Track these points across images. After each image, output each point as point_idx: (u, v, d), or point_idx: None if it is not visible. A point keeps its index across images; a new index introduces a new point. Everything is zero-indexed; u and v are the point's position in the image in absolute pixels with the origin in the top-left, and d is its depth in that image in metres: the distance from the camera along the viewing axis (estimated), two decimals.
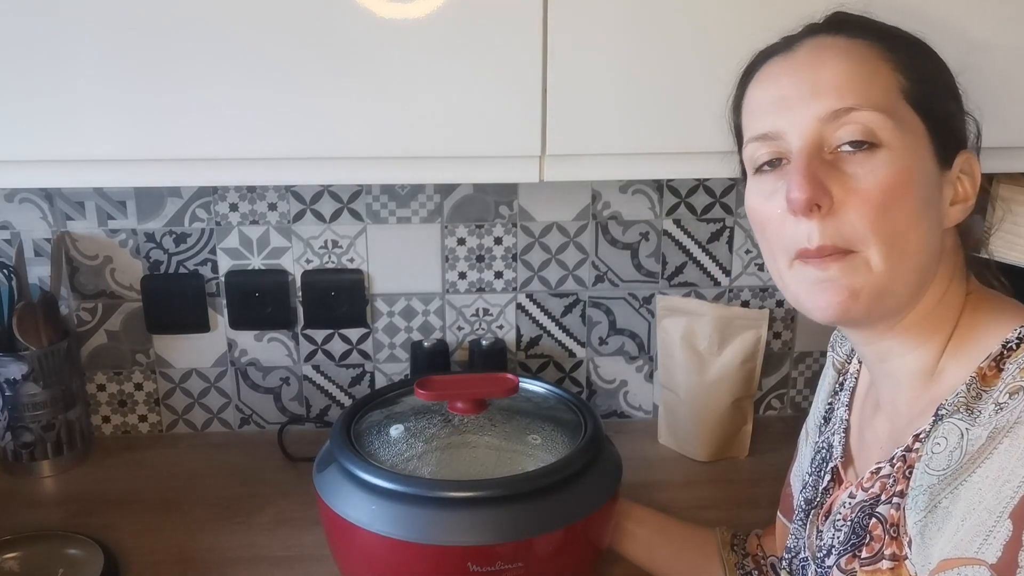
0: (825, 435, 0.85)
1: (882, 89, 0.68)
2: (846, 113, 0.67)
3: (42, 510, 1.18)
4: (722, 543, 1.01)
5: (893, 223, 0.66)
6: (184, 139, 0.90)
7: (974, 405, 0.63)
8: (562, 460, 0.96)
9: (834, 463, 0.80)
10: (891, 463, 0.70)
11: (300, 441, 1.33)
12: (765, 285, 1.37)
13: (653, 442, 1.36)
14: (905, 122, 0.67)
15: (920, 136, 0.68)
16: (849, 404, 0.83)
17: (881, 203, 0.66)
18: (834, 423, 0.84)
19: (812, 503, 0.82)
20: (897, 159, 0.66)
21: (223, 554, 1.09)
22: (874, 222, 0.66)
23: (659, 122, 0.92)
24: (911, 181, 0.67)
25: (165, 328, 1.33)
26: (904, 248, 0.67)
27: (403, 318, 1.35)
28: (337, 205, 1.29)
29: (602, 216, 1.32)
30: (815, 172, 0.67)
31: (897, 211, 0.66)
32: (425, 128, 0.90)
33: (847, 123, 0.67)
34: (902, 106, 0.68)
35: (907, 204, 0.67)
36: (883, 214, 0.66)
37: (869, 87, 0.68)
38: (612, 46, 0.89)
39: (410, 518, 0.89)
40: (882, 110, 0.67)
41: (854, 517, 0.72)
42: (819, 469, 0.83)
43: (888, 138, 0.67)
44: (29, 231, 1.28)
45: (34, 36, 0.86)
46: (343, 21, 0.86)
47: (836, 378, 0.88)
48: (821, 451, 0.84)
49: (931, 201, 0.68)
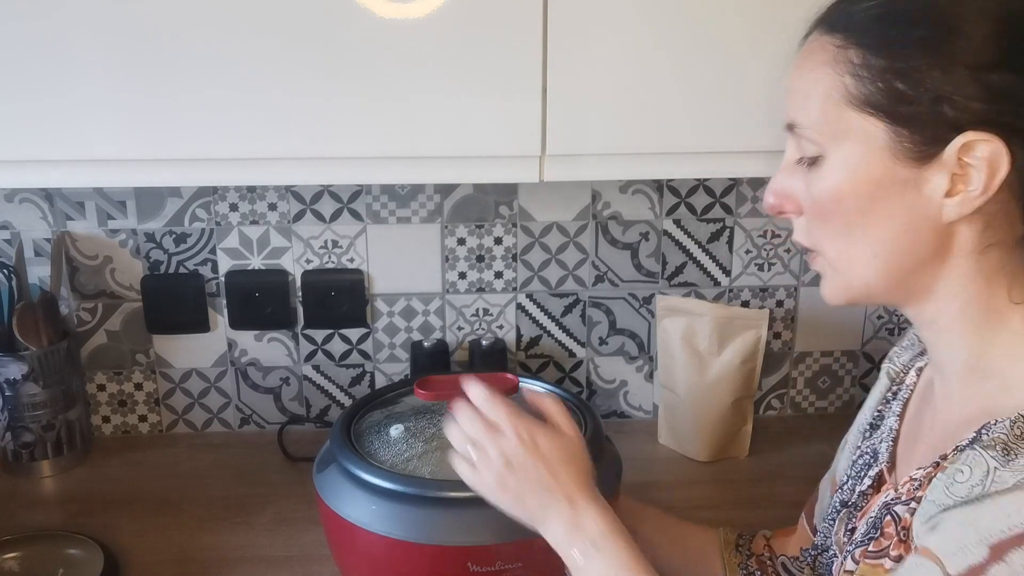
0: (871, 441, 0.83)
1: (820, 99, 0.67)
2: (791, 129, 0.70)
3: (42, 510, 1.18)
4: (724, 544, 1.00)
5: (835, 232, 0.68)
6: (184, 139, 0.90)
7: (1013, 446, 0.61)
8: None
9: (879, 468, 0.78)
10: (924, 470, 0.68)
11: (300, 441, 1.33)
12: (765, 285, 1.37)
13: (653, 442, 1.36)
14: (847, 129, 0.66)
15: (873, 137, 0.65)
16: (901, 414, 0.80)
17: (820, 213, 0.69)
18: (882, 431, 0.82)
19: (847, 504, 0.80)
20: (835, 170, 0.67)
21: (223, 554, 1.09)
22: (820, 230, 0.70)
23: (659, 122, 0.92)
24: (852, 190, 0.66)
25: (165, 328, 1.33)
26: (855, 255, 0.68)
27: (403, 318, 1.35)
28: (337, 205, 1.29)
29: (602, 216, 1.32)
30: (783, 181, 0.71)
31: (836, 220, 0.68)
32: (425, 128, 0.90)
33: (797, 138, 0.70)
34: (844, 113, 0.66)
35: (847, 213, 0.67)
36: (824, 223, 0.69)
37: (807, 99, 0.68)
38: (612, 46, 0.89)
39: (410, 518, 0.89)
40: (815, 124, 0.67)
41: (876, 512, 0.72)
42: (860, 473, 0.81)
43: (826, 150, 0.67)
44: (29, 231, 1.28)
45: (34, 37, 0.86)
46: (343, 22, 0.86)
47: (889, 387, 0.86)
48: (864, 456, 0.82)
49: (893, 202, 0.65)
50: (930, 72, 0.62)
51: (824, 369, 1.43)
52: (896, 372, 0.86)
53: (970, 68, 0.62)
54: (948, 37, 0.62)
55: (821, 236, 0.70)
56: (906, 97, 0.63)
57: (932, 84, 0.62)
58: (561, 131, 0.91)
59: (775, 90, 0.91)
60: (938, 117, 0.63)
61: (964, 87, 0.62)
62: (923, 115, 0.63)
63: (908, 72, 0.63)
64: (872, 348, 1.41)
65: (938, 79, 0.62)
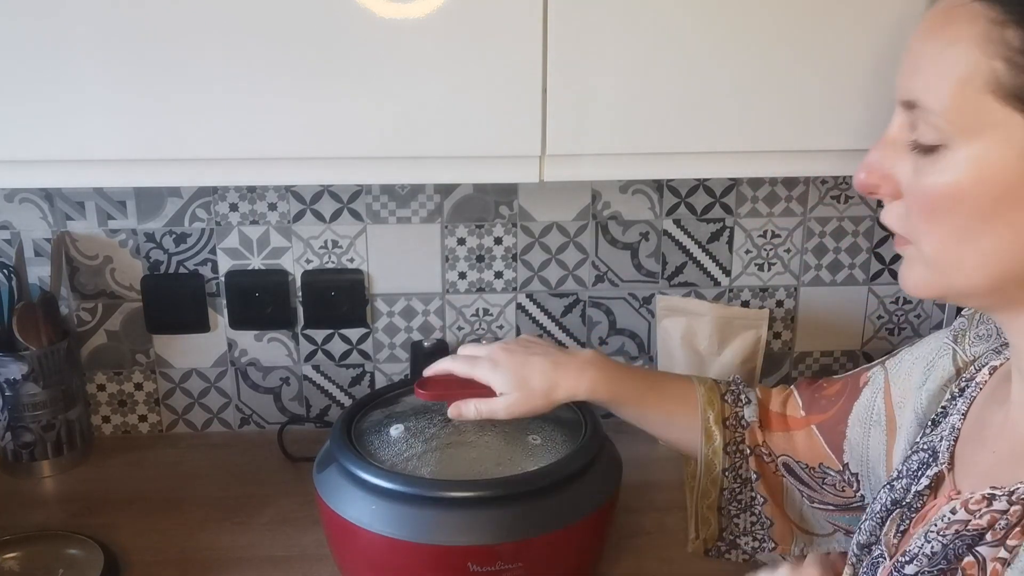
0: (930, 438, 0.76)
1: (958, 81, 0.58)
2: (912, 107, 0.61)
3: (42, 510, 1.18)
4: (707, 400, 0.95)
5: (944, 232, 0.61)
6: (184, 139, 0.90)
7: None
8: (562, 460, 0.96)
9: (938, 468, 0.72)
10: (1010, 499, 0.61)
11: (300, 441, 1.33)
12: (765, 285, 1.37)
13: (653, 442, 1.35)
14: (987, 123, 0.57)
15: (1017, 138, 0.57)
16: (966, 413, 0.74)
17: (929, 209, 0.61)
18: (943, 428, 0.75)
19: (900, 503, 0.74)
20: (960, 166, 0.59)
21: (223, 554, 1.09)
22: (924, 225, 0.62)
23: (659, 122, 0.92)
24: (977, 192, 0.58)
25: (165, 328, 1.33)
26: (963, 258, 0.61)
27: (403, 318, 1.35)
28: (337, 205, 1.29)
29: (602, 216, 1.32)
30: (881, 158, 0.65)
31: (949, 222, 0.60)
32: (425, 128, 0.90)
33: (914, 118, 0.62)
34: (986, 103, 0.57)
35: (963, 216, 0.60)
36: (931, 219, 0.62)
37: (940, 78, 0.59)
38: (612, 46, 0.89)
39: (410, 518, 0.90)
40: (945, 110, 0.59)
41: (951, 541, 0.64)
42: (917, 472, 0.75)
43: (952, 141, 0.59)
44: (29, 231, 1.28)
45: (34, 36, 0.86)
46: (343, 21, 0.86)
47: (955, 379, 0.79)
48: (920, 452, 0.76)
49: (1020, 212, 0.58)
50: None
51: (824, 369, 1.43)
52: (965, 362, 0.79)
53: None
54: None
55: (923, 231, 0.63)
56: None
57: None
58: (561, 131, 0.91)
59: (776, 90, 0.91)
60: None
61: None
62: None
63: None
64: (872, 348, 1.41)
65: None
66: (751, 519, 0.95)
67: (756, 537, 0.96)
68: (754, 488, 0.94)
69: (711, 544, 0.97)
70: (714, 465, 0.94)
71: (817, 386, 0.95)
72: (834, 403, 0.91)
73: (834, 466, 0.91)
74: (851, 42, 0.89)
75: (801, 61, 0.90)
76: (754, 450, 0.94)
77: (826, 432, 0.91)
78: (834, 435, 0.90)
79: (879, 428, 0.86)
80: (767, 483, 0.94)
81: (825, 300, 1.38)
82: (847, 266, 1.37)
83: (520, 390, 0.93)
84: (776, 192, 1.32)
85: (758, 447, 0.94)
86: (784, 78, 0.90)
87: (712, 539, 0.96)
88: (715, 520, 0.95)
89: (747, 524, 0.95)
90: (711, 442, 0.94)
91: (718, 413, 0.94)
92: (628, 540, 1.11)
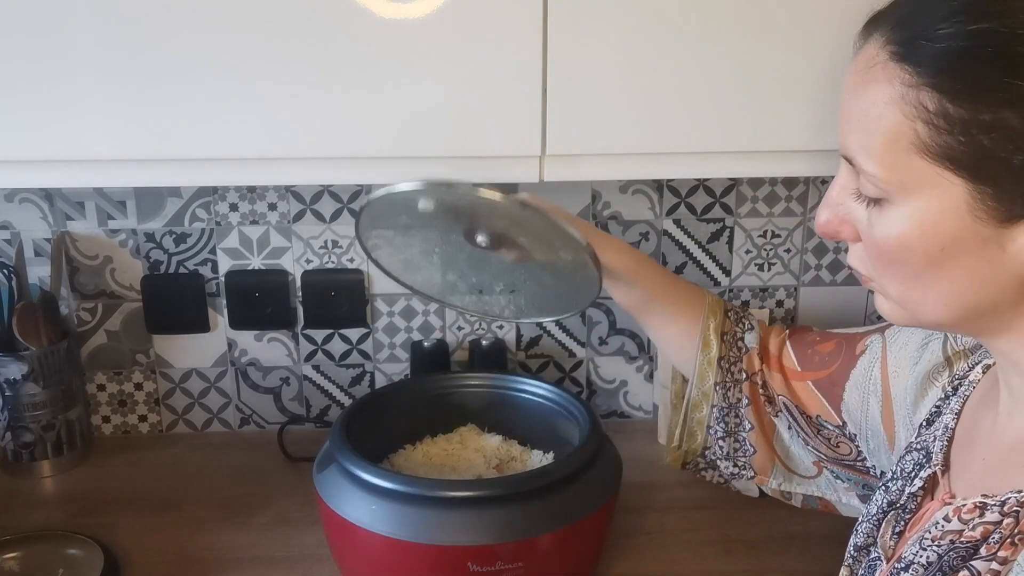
0: (924, 437, 0.76)
1: (885, 142, 0.59)
2: (851, 162, 0.63)
3: (42, 510, 1.18)
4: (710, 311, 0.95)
5: (900, 277, 0.63)
6: (184, 139, 0.90)
7: None
8: (562, 460, 0.96)
9: (931, 470, 0.72)
10: (1002, 509, 0.61)
11: (300, 441, 1.33)
12: (765, 285, 1.37)
13: (653, 442, 1.36)
14: (918, 180, 0.58)
15: (949, 194, 0.57)
16: (959, 413, 0.74)
17: (883, 257, 0.63)
18: (937, 428, 0.75)
19: (895, 505, 0.74)
20: (903, 221, 0.60)
21: (223, 554, 1.09)
22: (881, 270, 0.65)
23: (659, 122, 0.92)
24: (922, 244, 0.60)
25: (165, 328, 1.33)
26: (923, 298, 0.63)
27: (403, 318, 1.35)
28: (337, 205, 1.29)
29: (602, 216, 1.32)
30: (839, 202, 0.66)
31: (902, 268, 0.62)
32: (425, 128, 0.90)
33: (855, 170, 0.63)
34: (914, 162, 0.58)
35: (914, 263, 0.61)
36: (887, 267, 0.63)
37: (868, 137, 0.60)
38: (612, 46, 0.89)
39: (410, 518, 0.90)
40: (878, 170, 0.60)
41: (945, 552, 0.64)
42: (911, 473, 0.75)
43: (892, 197, 0.60)
44: (29, 231, 1.28)
45: (34, 36, 0.86)
46: (343, 21, 0.86)
47: (945, 374, 0.79)
48: (914, 452, 0.76)
49: (969, 257, 0.59)
50: (1022, 128, 0.54)
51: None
52: (955, 351, 0.79)
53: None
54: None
55: (883, 276, 0.65)
56: (992, 154, 0.55)
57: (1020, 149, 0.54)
58: (561, 131, 0.91)
59: (776, 90, 0.91)
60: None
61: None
62: (1012, 174, 0.55)
63: (995, 126, 0.55)
64: None
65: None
66: (734, 444, 0.95)
67: (737, 464, 0.96)
68: (741, 413, 0.94)
69: (691, 459, 0.97)
70: (707, 376, 0.94)
71: (809, 340, 0.94)
72: (828, 363, 0.91)
73: (832, 421, 0.90)
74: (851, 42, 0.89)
75: (801, 61, 0.90)
76: (750, 376, 0.94)
77: (823, 390, 0.91)
78: (831, 396, 0.90)
79: (875, 398, 0.86)
80: (757, 411, 0.94)
81: (825, 300, 1.38)
82: (847, 266, 1.36)
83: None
84: (776, 192, 1.32)
85: (755, 375, 0.94)
86: (784, 78, 0.90)
87: (693, 454, 0.96)
88: (701, 435, 0.95)
89: (730, 448, 0.95)
90: (707, 351, 0.94)
91: (719, 324, 0.94)
92: (628, 540, 1.11)
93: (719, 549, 1.09)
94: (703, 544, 1.10)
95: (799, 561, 1.05)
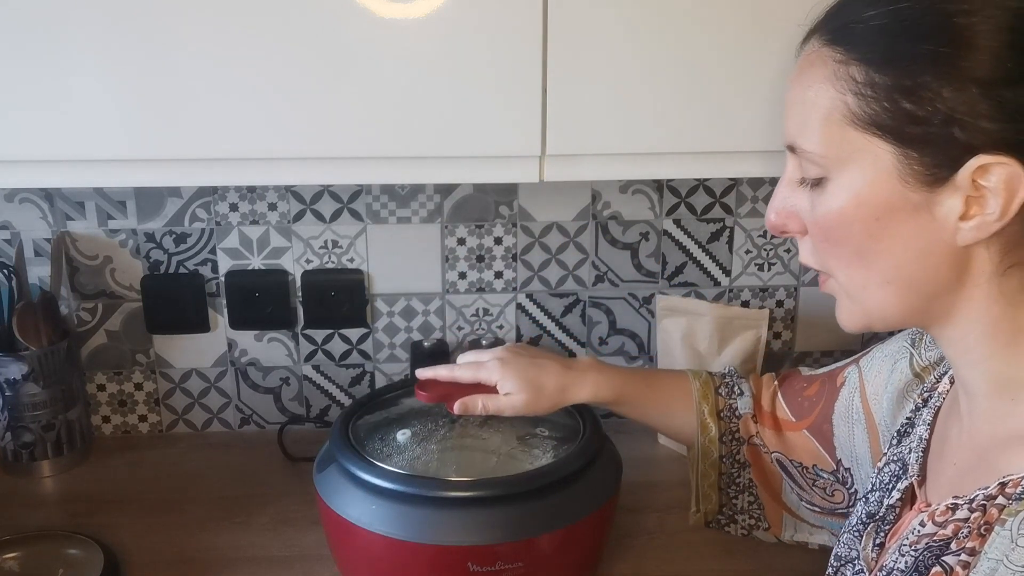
0: (899, 450, 0.78)
1: (821, 119, 0.64)
2: (794, 149, 0.67)
3: (42, 510, 1.18)
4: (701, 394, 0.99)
5: (844, 257, 0.66)
6: (184, 139, 0.90)
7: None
8: (562, 460, 0.96)
9: (908, 481, 0.74)
10: (970, 506, 0.62)
11: (300, 441, 1.33)
12: (765, 285, 1.37)
13: (653, 442, 1.36)
14: (852, 151, 0.63)
15: (879, 160, 0.62)
16: (932, 424, 0.75)
17: (827, 238, 0.67)
18: (912, 440, 0.76)
19: (874, 517, 0.76)
20: (840, 194, 0.64)
21: (223, 554, 1.09)
22: (828, 254, 0.68)
23: (659, 122, 0.92)
24: (860, 215, 0.63)
25: (165, 328, 1.33)
26: (868, 280, 0.66)
27: (403, 318, 1.35)
28: (337, 205, 1.29)
29: (602, 216, 1.32)
30: (784, 198, 0.70)
31: (845, 245, 0.66)
32: (425, 128, 0.90)
33: (799, 158, 0.67)
34: (847, 134, 0.62)
35: (855, 238, 0.64)
36: (832, 248, 0.67)
37: (807, 119, 0.65)
38: (612, 46, 0.89)
39: (410, 518, 0.90)
40: (817, 147, 0.64)
41: (920, 553, 0.65)
42: (888, 484, 0.77)
43: (830, 172, 0.64)
44: (29, 231, 1.28)
45: (34, 36, 0.86)
46: (343, 21, 0.86)
47: (918, 389, 0.81)
48: (891, 465, 0.78)
49: (904, 226, 0.62)
50: (940, 90, 0.58)
51: None
52: (922, 367, 0.82)
53: (983, 85, 0.57)
54: (959, 51, 0.58)
55: (829, 260, 0.68)
56: (914, 117, 0.59)
57: (942, 103, 0.58)
58: (561, 131, 0.91)
59: (776, 90, 0.91)
60: (949, 139, 0.58)
61: (976, 106, 0.57)
62: (933, 137, 0.59)
63: (915, 90, 0.59)
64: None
65: (948, 98, 0.58)
66: (748, 499, 0.99)
67: (753, 516, 0.99)
68: (746, 474, 0.98)
69: (711, 517, 1.00)
70: (711, 452, 0.98)
71: (798, 388, 0.97)
72: (816, 404, 0.94)
73: (828, 467, 0.93)
74: None
75: None
76: (748, 440, 0.97)
77: (815, 432, 0.94)
78: (823, 435, 0.93)
79: (860, 427, 0.89)
80: (759, 471, 0.97)
81: (825, 300, 1.37)
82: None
83: (529, 391, 0.94)
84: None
85: (752, 437, 0.97)
86: (784, 78, 0.90)
87: (712, 512, 1.00)
88: (715, 497, 0.99)
89: (744, 504, 0.99)
90: (707, 433, 0.98)
91: (712, 406, 0.98)
92: (628, 540, 1.11)
93: (719, 549, 1.09)
94: (703, 544, 1.10)
95: (799, 561, 1.05)
